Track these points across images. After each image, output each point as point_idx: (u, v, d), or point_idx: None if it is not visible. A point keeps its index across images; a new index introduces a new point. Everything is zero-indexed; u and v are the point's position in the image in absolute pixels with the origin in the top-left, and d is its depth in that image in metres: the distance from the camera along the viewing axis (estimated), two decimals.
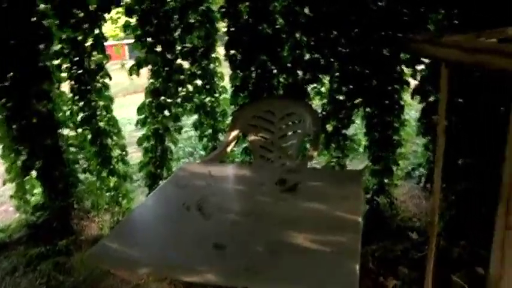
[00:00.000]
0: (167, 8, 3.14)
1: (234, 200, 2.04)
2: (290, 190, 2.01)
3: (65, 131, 3.56)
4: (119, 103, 4.18)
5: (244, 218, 1.80)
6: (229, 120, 3.41)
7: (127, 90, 9.46)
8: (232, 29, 3.12)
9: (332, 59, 3.13)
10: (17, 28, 3.14)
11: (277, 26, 3.11)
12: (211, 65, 3.37)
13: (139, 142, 3.56)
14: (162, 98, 3.42)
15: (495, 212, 1.38)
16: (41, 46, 3.25)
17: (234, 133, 2.99)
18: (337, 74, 3.15)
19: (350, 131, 3.34)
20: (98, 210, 3.75)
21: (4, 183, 3.78)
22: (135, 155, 4.08)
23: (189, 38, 3.25)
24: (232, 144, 3.00)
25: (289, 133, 3.00)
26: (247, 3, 3.05)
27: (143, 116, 3.50)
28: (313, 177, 2.21)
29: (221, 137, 3.50)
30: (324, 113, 3.24)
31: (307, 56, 3.15)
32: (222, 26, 3.24)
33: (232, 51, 3.17)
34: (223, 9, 3.11)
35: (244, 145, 3.37)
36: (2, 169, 3.75)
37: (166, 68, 3.32)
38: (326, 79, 3.24)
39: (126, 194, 3.70)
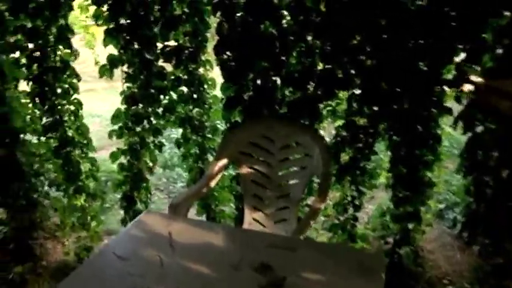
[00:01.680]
0: None
1: None
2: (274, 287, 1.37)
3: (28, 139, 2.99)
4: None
5: None
6: (220, 138, 2.77)
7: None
8: (226, 26, 2.42)
9: (353, 71, 2.42)
10: None
11: (283, 25, 2.41)
12: (201, 70, 2.71)
13: (113, 157, 2.93)
14: (141, 106, 2.78)
15: None
16: None
17: (221, 163, 2.35)
18: (358, 91, 2.45)
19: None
20: (63, 230, 3.18)
21: None
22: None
23: (173, 34, 2.58)
24: (218, 176, 2.36)
25: (292, 169, 2.34)
26: None
27: (119, 125, 2.86)
28: (311, 263, 1.54)
29: (210, 157, 2.85)
30: (339, 138, 2.55)
31: (321, 66, 2.45)
32: (214, 22, 2.54)
33: (224, 55, 2.48)
34: (216, 0, 2.41)
35: (235, 172, 2.72)
36: None
37: (145, 71, 2.66)
38: (344, 96, 2.55)
39: (96, 216, 3.10)
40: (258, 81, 2.50)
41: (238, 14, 2.41)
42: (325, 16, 2.36)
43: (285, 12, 2.40)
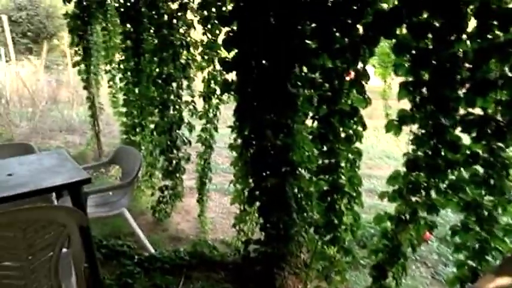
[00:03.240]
0: (453, 51, 2.06)
1: None
2: None
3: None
4: None
5: None
6: None
7: None
8: None
9: None
10: (273, 47, 2.64)
11: None
12: (508, 151, 2.13)
13: (378, 220, 2.62)
14: (422, 174, 2.37)
15: None
16: (295, 70, 2.70)
17: (502, 281, 1.76)
18: None
19: None
20: (308, 273, 3.05)
21: (231, 203, 3.49)
22: None
23: (480, 101, 2.09)
24: None
25: None
26: None
27: (393, 189, 2.53)
28: None
29: (491, 259, 2.23)
30: None
31: None
32: None
33: None
34: None
35: None
36: None
37: (435, 136, 2.25)
38: None
39: (341, 272, 2.85)
40: None
41: None
42: None
43: None
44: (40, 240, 2.23)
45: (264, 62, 2.69)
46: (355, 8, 2.39)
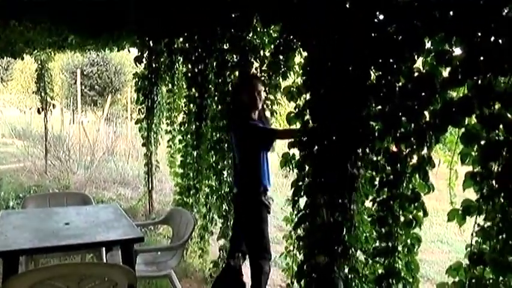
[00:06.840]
0: None
1: None
2: None
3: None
4: None
5: None
6: None
7: None
8: None
9: None
10: (335, 127, 2.67)
11: None
12: None
13: None
14: (487, 270, 2.25)
15: None
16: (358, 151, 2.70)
17: None
18: None
19: None
20: None
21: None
22: None
23: None
24: None
25: None
26: None
27: (455, 280, 2.39)
28: None
29: None
30: None
31: None
32: None
33: None
34: None
35: None
36: None
37: (504, 233, 2.15)
38: None
39: None
40: None
41: None
42: None
43: None
44: None
45: (325, 141, 2.71)
46: (423, 94, 2.40)
